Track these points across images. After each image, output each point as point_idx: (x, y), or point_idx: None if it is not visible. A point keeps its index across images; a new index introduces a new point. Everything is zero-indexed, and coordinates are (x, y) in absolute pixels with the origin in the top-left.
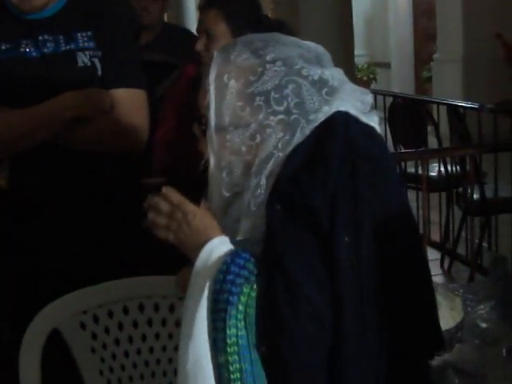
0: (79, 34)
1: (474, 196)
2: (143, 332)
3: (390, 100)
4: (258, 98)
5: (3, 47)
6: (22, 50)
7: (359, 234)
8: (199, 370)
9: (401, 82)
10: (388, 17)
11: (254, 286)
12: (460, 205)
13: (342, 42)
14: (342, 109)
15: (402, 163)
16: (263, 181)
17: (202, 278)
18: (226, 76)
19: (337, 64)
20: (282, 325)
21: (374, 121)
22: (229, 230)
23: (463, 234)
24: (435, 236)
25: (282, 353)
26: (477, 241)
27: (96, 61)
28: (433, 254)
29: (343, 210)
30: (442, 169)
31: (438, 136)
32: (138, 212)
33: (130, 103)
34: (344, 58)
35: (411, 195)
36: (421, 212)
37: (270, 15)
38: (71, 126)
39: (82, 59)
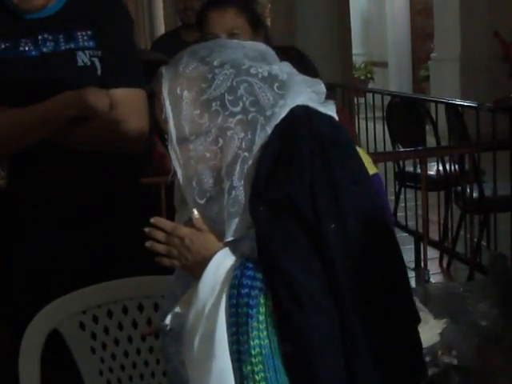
0: (79, 34)
1: (473, 194)
2: (142, 332)
3: (387, 99)
4: (213, 104)
5: (2, 46)
6: (21, 48)
7: (344, 220)
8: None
9: (398, 80)
10: (385, 16)
11: (269, 295)
12: (459, 203)
13: (340, 42)
14: (300, 103)
15: (401, 162)
16: (236, 182)
17: (213, 297)
18: (178, 88)
19: (335, 63)
20: (293, 322)
21: (331, 110)
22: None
23: (462, 232)
24: (434, 235)
25: (299, 349)
26: (475, 239)
27: (96, 60)
28: (432, 253)
29: (324, 198)
30: (441, 167)
31: (436, 135)
32: (138, 212)
33: (130, 103)
34: (342, 57)
35: (410, 194)
36: (419, 211)
37: (267, 15)
38: (70, 126)
39: (82, 58)
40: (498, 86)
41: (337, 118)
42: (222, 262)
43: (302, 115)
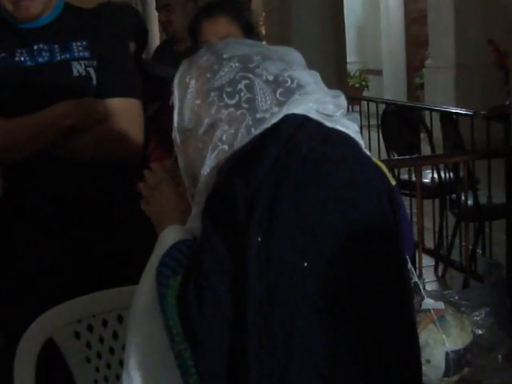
0: (74, 44)
1: (468, 202)
2: None
3: (382, 107)
4: (212, 94)
5: None
6: (16, 59)
7: (271, 236)
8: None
9: (393, 89)
10: (379, 24)
11: (178, 278)
12: (454, 211)
13: (335, 50)
14: (299, 112)
15: (396, 170)
16: (206, 171)
17: (148, 269)
18: (187, 77)
19: (329, 71)
20: (189, 317)
21: (343, 125)
22: None
23: (457, 240)
24: (429, 242)
25: (189, 341)
26: (470, 247)
27: (91, 70)
28: (427, 261)
29: (260, 212)
30: (436, 175)
31: (431, 143)
32: (134, 220)
33: (125, 113)
34: (336, 65)
35: (404, 202)
36: (414, 219)
37: (262, 23)
38: (66, 136)
39: (77, 69)
40: (492, 93)
41: (352, 133)
42: (167, 237)
43: (290, 124)
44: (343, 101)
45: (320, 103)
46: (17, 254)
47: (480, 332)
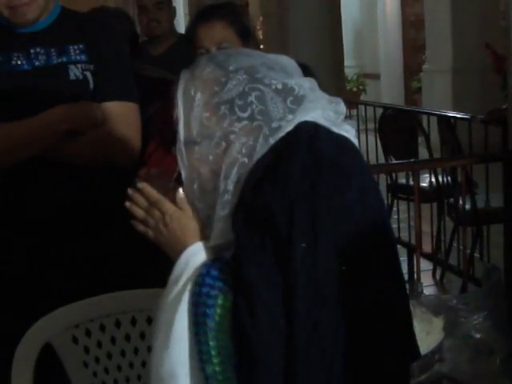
0: (71, 47)
1: (466, 206)
2: (136, 346)
3: (380, 111)
4: (222, 107)
5: None
6: (13, 62)
7: (316, 241)
8: (173, 379)
9: (390, 93)
10: (377, 28)
11: (229, 296)
12: (451, 215)
13: (332, 54)
14: (309, 119)
15: (393, 174)
16: (230, 186)
17: (178, 290)
18: (192, 90)
19: (327, 76)
20: (243, 331)
21: (346, 130)
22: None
23: (455, 244)
24: (427, 247)
25: (245, 361)
26: (468, 251)
27: (88, 74)
28: (425, 265)
29: (301, 218)
30: (433, 179)
31: (428, 147)
32: (129, 225)
33: (122, 116)
34: (334, 69)
35: (402, 206)
36: (412, 223)
37: (259, 27)
38: (63, 140)
39: (74, 72)
40: (489, 97)
41: (353, 139)
42: (194, 255)
43: (305, 132)
44: (342, 107)
45: (324, 110)
46: (14, 258)
47: (478, 336)
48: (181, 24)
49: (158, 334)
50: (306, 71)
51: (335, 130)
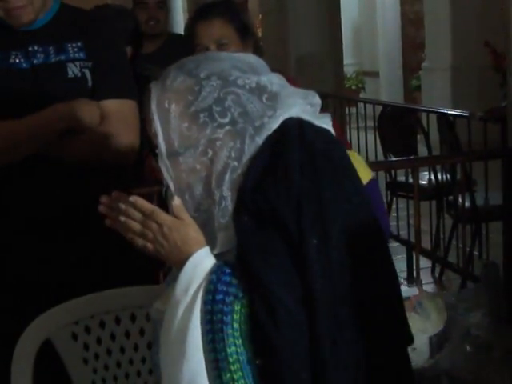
0: (69, 45)
1: (465, 204)
2: (135, 342)
3: (379, 109)
4: (201, 115)
5: None
6: (11, 60)
7: (327, 236)
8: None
9: (389, 90)
10: (376, 26)
11: (244, 302)
12: (450, 213)
13: (331, 52)
14: (293, 115)
15: (392, 172)
16: (226, 192)
17: (190, 297)
18: (166, 102)
19: (326, 73)
20: (265, 334)
21: (326, 123)
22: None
23: (454, 242)
24: (426, 244)
25: (270, 364)
26: (468, 249)
27: (86, 72)
28: (423, 263)
29: (309, 214)
30: (432, 177)
31: (427, 144)
32: None
33: (121, 114)
34: (333, 67)
35: (401, 203)
36: (411, 220)
37: (258, 25)
38: (61, 138)
39: (73, 70)
40: (489, 95)
41: (333, 130)
42: (200, 263)
43: (294, 128)
44: (317, 99)
45: (301, 104)
46: (11, 256)
47: (477, 332)
48: (179, 21)
49: (168, 345)
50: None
51: (316, 122)
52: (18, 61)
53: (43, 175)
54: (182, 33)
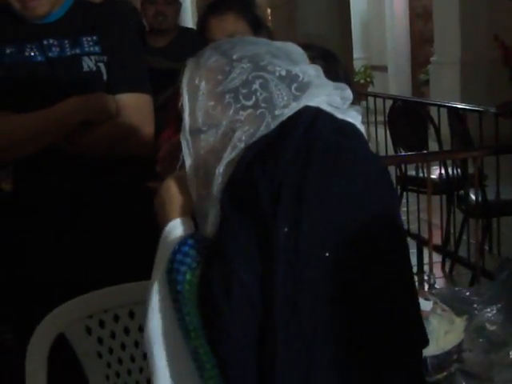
0: (84, 39)
1: (475, 198)
2: None
3: (389, 103)
4: (227, 96)
5: (8, 51)
6: (26, 54)
7: (299, 226)
8: (151, 354)
9: (398, 85)
10: (384, 20)
11: (196, 272)
12: (461, 207)
13: (341, 47)
14: (312, 104)
15: (403, 166)
16: (221, 169)
17: (157, 265)
18: (197, 79)
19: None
20: (214, 306)
21: (352, 116)
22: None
23: (464, 236)
24: (436, 239)
25: (216, 334)
26: (478, 243)
27: (101, 65)
28: (434, 257)
29: (286, 201)
30: (443, 171)
31: (438, 139)
32: (143, 217)
33: (135, 108)
34: (343, 61)
35: (412, 198)
36: (422, 215)
37: (268, 20)
38: (77, 131)
39: (88, 64)
40: (498, 89)
41: (359, 125)
42: (172, 230)
43: (305, 116)
44: (349, 93)
45: (329, 96)
46: (26, 250)
47: (492, 328)
48: (188, 16)
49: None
50: (332, 57)
51: (340, 115)
52: (33, 54)
53: (59, 168)
54: (192, 27)
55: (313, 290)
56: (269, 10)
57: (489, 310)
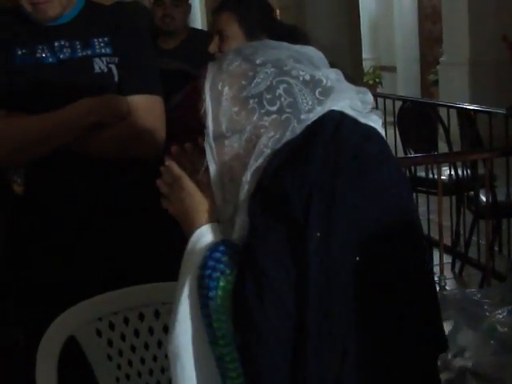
0: (96, 40)
1: (485, 199)
2: (159, 338)
3: (398, 104)
4: (251, 101)
5: (19, 52)
6: (38, 55)
7: (331, 231)
8: (178, 360)
9: (407, 85)
10: (393, 21)
11: (229, 278)
12: (471, 208)
13: (350, 47)
14: (336, 108)
15: (412, 167)
16: (248, 176)
17: (186, 271)
18: (220, 84)
19: (345, 68)
20: (248, 313)
21: (373, 120)
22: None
23: (474, 237)
24: (446, 240)
25: (249, 341)
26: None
27: (113, 67)
28: (444, 258)
29: (318, 206)
30: (453, 172)
31: (448, 140)
32: (155, 218)
33: (147, 109)
34: (352, 62)
35: (421, 199)
36: (431, 216)
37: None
38: (88, 133)
39: (99, 65)
40: (507, 90)
41: (380, 129)
42: (201, 238)
43: (330, 121)
44: (370, 97)
45: (351, 100)
46: (37, 252)
47: (503, 330)
48: (197, 17)
49: (171, 316)
50: (298, 33)
51: (362, 120)
52: (44, 55)
53: (71, 171)
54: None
55: (345, 295)
56: (278, 11)
57: (500, 311)
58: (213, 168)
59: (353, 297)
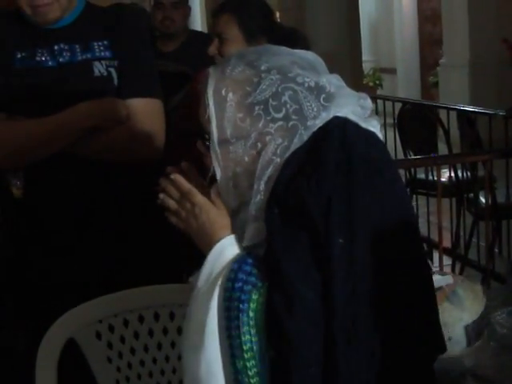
0: (95, 44)
1: (485, 201)
2: (159, 341)
3: (398, 106)
4: (256, 108)
5: (19, 56)
6: (37, 58)
7: (353, 237)
8: (212, 377)
9: (407, 87)
10: (393, 23)
11: (262, 291)
12: (471, 210)
13: (350, 49)
14: (340, 114)
15: (412, 169)
16: (262, 186)
17: (210, 285)
18: (223, 90)
19: (345, 70)
20: (280, 325)
21: (373, 125)
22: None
23: (474, 239)
24: (446, 242)
25: (281, 353)
26: (488, 245)
27: (112, 70)
28: (444, 260)
29: (338, 213)
30: (452, 174)
31: (448, 142)
32: (154, 220)
33: (146, 113)
34: (352, 64)
35: (421, 201)
36: (431, 218)
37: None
38: (87, 136)
39: (99, 69)
40: (507, 92)
41: (379, 134)
42: (224, 251)
43: (337, 127)
44: (369, 102)
45: (353, 105)
46: (37, 253)
47: (503, 331)
48: (196, 18)
49: (189, 333)
50: (297, 35)
51: (363, 125)
52: (44, 59)
53: (70, 174)
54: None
55: (370, 301)
56: (278, 13)
57: (500, 313)
58: (219, 174)
59: (375, 299)
